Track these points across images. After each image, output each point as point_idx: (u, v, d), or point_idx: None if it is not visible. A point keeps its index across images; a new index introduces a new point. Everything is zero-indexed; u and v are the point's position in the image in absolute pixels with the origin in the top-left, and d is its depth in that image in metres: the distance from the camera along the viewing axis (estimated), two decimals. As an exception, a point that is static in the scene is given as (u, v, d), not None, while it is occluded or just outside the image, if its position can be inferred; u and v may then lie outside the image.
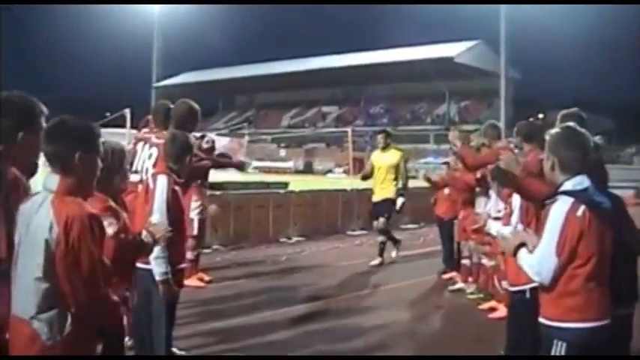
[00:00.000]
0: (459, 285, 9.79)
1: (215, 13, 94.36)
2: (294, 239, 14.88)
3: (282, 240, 14.74)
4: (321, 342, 7.11)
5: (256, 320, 7.89)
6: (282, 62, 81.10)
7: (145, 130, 7.09)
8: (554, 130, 3.90)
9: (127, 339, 6.07)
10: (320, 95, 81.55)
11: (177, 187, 5.15)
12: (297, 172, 57.10)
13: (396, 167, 11.85)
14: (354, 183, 17.17)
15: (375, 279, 10.80)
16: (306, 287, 9.93)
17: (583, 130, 3.86)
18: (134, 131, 9.01)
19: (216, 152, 9.68)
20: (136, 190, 5.53)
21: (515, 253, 3.80)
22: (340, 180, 34.69)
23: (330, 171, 57.58)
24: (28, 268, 3.00)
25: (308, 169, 61.68)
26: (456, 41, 67.57)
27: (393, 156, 11.91)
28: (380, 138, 12.15)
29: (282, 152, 68.79)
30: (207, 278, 9.91)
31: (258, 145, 65.75)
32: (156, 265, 4.86)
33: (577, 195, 3.63)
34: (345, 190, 17.67)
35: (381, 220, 11.88)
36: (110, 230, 4.08)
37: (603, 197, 3.76)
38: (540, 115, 67.14)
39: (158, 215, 4.88)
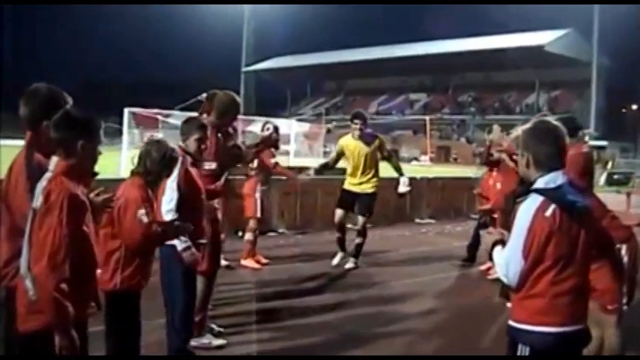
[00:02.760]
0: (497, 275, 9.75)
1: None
2: (361, 226, 14.95)
3: (348, 226, 14.83)
4: (359, 327, 7.31)
5: (299, 304, 8.13)
6: (372, 49, 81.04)
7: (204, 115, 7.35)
8: (527, 126, 3.70)
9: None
10: (408, 82, 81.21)
11: (190, 168, 5.48)
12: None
13: (375, 155, 10.41)
14: (430, 171, 17.02)
15: (430, 267, 10.91)
16: (360, 273, 10.14)
17: (557, 124, 3.65)
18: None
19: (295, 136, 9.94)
20: None
21: (491, 251, 3.68)
22: (414, 168, 34.50)
23: (415, 158, 57.32)
24: (25, 232, 3.42)
25: (394, 156, 61.58)
26: (547, 29, 66.03)
27: (368, 143, 10.34)
28: (354, 125, 10.32)
29: (369, 139, 68.65)
30: (264, 260, 10.25)
31: (345, 131, 65.97)
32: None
33: (547, 193, 3.42)
34: (414, 178, 17.61)
35: (361, 219, 10.66)
36: (145, 219, 4.46)
37: (578, 196, 3.51)
38: (634, 107, 65.21)
39: (169, 192, 5.24)
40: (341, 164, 10.94)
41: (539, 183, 3.51)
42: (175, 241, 5.15)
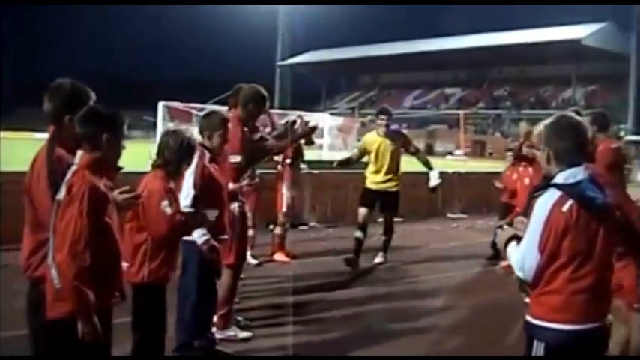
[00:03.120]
0: None
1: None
2: (392, 220, 14.93)
3: (380, 221, 14.82)
4: (386, 321, 7.34)
5: (327, 297, 8.18)
6: (407, 43, 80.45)
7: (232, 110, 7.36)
8: (549, 121, 3.64)
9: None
10: (443, 77, 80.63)
11: (208, 164, 5.51)
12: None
13: (399, 153, 10.17)
14: (465, 166, 16.84)
15: (458, 263, 10.90)
16: (389, 267, 10.17)
17: (579, 119, 3.62)
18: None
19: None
20: None
21: (505, 247, 3.65)
22: (449, 163, 34.25)
23: (450, 153, 57.05)
24: (51, 224, 3.52)
25: (429, 151, 61.24)
26: (584, 23, 64.95)
27: (393, 140, 10.07)
28: (380, 121, 10.04)
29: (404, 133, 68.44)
30: (294, 254, 10.29)
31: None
32: (194, 232, 5.20)
33: (566, 189, 3.39)
34: (446, 173, 17.50)
35: (388, 219, 10.54)
36: (169, 210, 4.53)
37: (598, 193, 3.43)
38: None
39: (186, 187, 5.30)
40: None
41: (559, 178, 3.47)
42: (195, 235, 5.19)
